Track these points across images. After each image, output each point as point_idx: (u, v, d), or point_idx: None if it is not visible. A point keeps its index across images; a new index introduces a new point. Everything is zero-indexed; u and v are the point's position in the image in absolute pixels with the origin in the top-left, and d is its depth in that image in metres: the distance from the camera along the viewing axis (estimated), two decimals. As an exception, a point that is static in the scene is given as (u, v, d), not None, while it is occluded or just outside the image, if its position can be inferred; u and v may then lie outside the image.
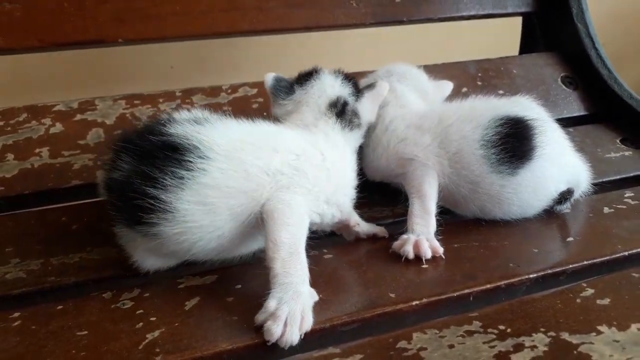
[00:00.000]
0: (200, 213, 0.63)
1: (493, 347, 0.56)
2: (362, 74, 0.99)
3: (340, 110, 0.78)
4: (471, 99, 0.87)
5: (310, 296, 0.61)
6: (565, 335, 0.57)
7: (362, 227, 0.79)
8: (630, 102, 1.16)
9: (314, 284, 0.65)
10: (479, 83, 1.18)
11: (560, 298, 0.63)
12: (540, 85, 1.21)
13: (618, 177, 1.00)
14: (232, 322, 0.62)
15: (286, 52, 1.46)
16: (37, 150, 0.92)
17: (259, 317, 0.59)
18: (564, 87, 1.23)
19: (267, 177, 0.66)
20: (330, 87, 0.80)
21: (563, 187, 0.82)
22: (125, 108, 1.00)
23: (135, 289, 0.70)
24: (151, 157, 0.64)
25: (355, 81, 0.84)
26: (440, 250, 0.72)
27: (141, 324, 0.62)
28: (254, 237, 0.69)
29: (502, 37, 1.42)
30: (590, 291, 0.64)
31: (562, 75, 1.24)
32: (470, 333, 0.58)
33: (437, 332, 0.59)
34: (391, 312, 0.62)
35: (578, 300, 0.62)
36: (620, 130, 1.14)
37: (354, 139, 0.80)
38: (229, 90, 1.06)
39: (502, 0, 1.27)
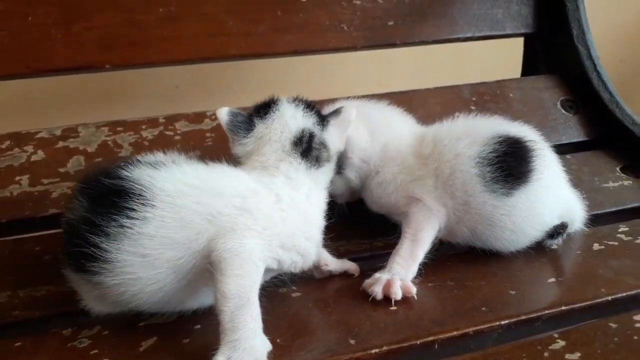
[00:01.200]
0: (139, 265, 0.61)
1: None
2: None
3: (306, 147, 0.73)
4: (463, 118, 0.84)
5: (263, 346, 0.58)
6: (525, 395, 0.53)
7: (332, 265, 0.77)
8: (632, 128, 1.11)
9: (274, 326, 0.63)
10: (473, 108, 1.14)
11: (527, 350, 0.59)
12: (538, 110, 1.17)
13: (615, 209, 0.95)
14: (182, 368, 0.60)
15: (297, 73, 1.44)
16: (17, 178, 0.92)
17: None
18: (563, 111, 1.18)
19: (207, 224, 0.62)
20: (292, 118, 0.74)
21: (556, 220, 0.79)
22: (108, 135, 0.99)
23: (96, 326, 0.69)
24: (99, 202, 0.62)
25: (318, 109, 0.79)
26: (413, 290, 0.69)
27: (92, 366, 0.61)
28: (206, 292, 0.66)
29: (505, 59, 1.39)
30: (560, 343, 0.60)
31: (561, 98, 1.20)
32: (425, 388, 0.55)
33: (392, 385, 0.56)
34: (348, 361, 0.60)
35: (545, 354, 0.58)
36: (621, 157, 1.09)
37: (324, 174, 0.75)
38: (213, 117, 1.05)
39: (500, 21, 1.24)
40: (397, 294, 0.69)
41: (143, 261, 0.61)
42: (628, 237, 0.84)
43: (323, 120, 0.77)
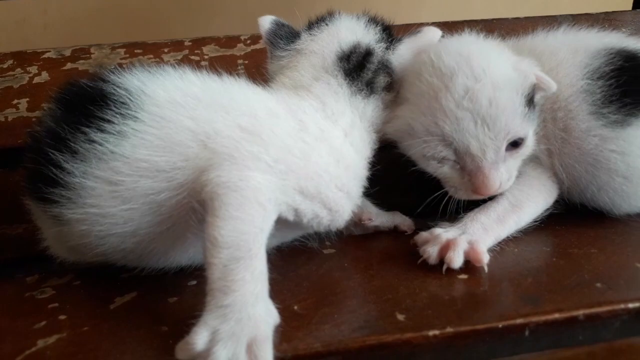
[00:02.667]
0: (107, 196, 0.46)
1: None
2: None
3: (356, 65, 0.55)
4: (563, 29, 0.64)
5: (266, 318, 0.40)
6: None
7: (378, 220, 0.59)
8: None
9: (293, 289, 0.47)
10: (574, 42, 0.90)
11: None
12: (659, 48, 0.91)
13: None
14: (157, 335, 0.43)
15: None
16: (14, 102, 0.79)
17: (179, 354, 0.39)
18: (694, 51, 0.92)
19: (199, 148, 0.46)
20: (347, 30, 0.57)
21: None
22: (124, 57, 0.84)
23: (68, 274, 0.54)
24: (71, 110, 0.48)
25: (388, 26, 0.61)
26: (484, 259, 0.49)
27: (44, 322, 0.46)
28: (197, 244, 0.48)
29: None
30: None
31: (692, 36, 0.93)
32: (514, 397, 0.35)
33: (460, 387, 0.36)
34: (393, 345, 0.40)
35: None
36: None
37: (375, 108, 0.56)
38: (249, 41, 0.87)
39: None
40: (454, 261, 0.49)
41: (112, 191, 0.46)
42: None
43: (392, 39, 0.58)
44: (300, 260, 0.52)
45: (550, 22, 0.94)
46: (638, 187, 0.56)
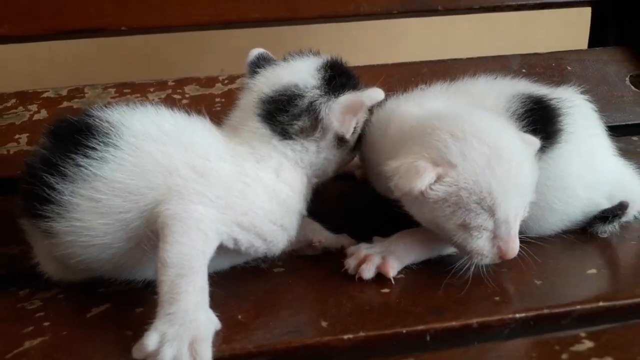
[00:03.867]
0: (89, 211, 0.54)
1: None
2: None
3: (275, 109, 0.60)
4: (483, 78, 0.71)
5: (207, 323, 0.49)
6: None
7: (328, 242, 0.66)
8: None
9: (239, 302, 0.55)
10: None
11: (540, 350, 0.46)
12: (601, 85, 1.01)
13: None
14: (123, 338, 0.52)
15: (327, 42, 1.32)
16: (16, 137, 0.90)
17: (135, 354, 0.48)
18: (633, 88, 1.01)
19: (162, 180, 0.55)
20: (292, 71, 0.63)
21: (603, 200, 0.66)
22: (114, 97, 0.95)
23: (54, 289, 0.63)
24: (61, 141, 0.57)
25: (342, 71, 0.64)
26: (391, 272, 0.58)
27: (31, 328, 0.55)
28: None
29: (568, 31, 1.22)
30: (587, 344, 0.46)
31: (631, 74, 1.02)
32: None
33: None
34: (313, 346, 0.49)
35: (564, 356, 0.45)
36: (702, 142, 0.90)
37: (295, 150, 0.61)
38: (226, 81, 0.98)
39: (562, -13, 1.08)
40: (364, 272, 0.58)
41: (93, 207, 0.55)
42: (700, 229, 0.67)
43: (334, 88, 0.61)
44: (251, 278, 0.61)
45: (502, 61, 1.04)
46: (545, 211, 0.64)
